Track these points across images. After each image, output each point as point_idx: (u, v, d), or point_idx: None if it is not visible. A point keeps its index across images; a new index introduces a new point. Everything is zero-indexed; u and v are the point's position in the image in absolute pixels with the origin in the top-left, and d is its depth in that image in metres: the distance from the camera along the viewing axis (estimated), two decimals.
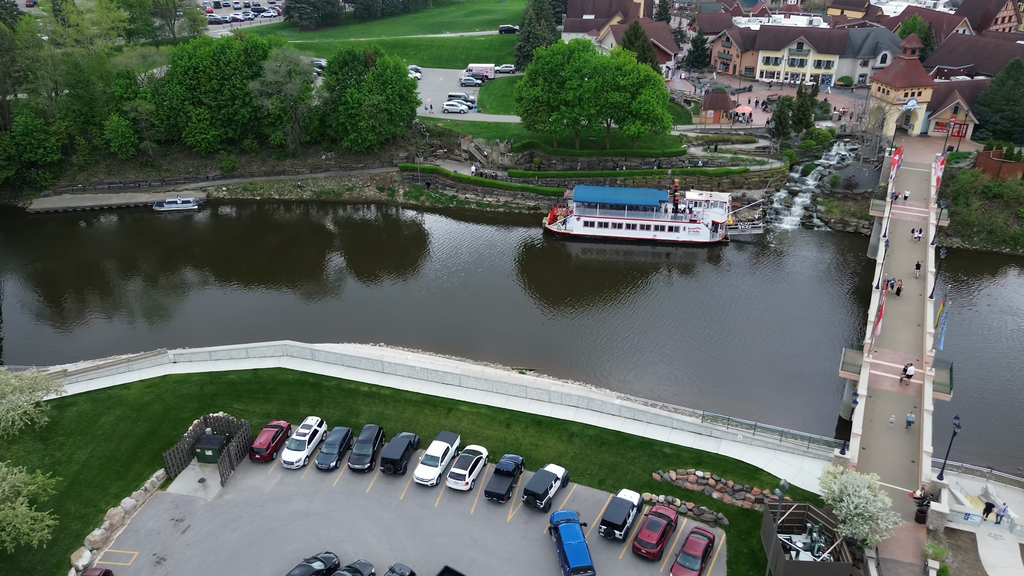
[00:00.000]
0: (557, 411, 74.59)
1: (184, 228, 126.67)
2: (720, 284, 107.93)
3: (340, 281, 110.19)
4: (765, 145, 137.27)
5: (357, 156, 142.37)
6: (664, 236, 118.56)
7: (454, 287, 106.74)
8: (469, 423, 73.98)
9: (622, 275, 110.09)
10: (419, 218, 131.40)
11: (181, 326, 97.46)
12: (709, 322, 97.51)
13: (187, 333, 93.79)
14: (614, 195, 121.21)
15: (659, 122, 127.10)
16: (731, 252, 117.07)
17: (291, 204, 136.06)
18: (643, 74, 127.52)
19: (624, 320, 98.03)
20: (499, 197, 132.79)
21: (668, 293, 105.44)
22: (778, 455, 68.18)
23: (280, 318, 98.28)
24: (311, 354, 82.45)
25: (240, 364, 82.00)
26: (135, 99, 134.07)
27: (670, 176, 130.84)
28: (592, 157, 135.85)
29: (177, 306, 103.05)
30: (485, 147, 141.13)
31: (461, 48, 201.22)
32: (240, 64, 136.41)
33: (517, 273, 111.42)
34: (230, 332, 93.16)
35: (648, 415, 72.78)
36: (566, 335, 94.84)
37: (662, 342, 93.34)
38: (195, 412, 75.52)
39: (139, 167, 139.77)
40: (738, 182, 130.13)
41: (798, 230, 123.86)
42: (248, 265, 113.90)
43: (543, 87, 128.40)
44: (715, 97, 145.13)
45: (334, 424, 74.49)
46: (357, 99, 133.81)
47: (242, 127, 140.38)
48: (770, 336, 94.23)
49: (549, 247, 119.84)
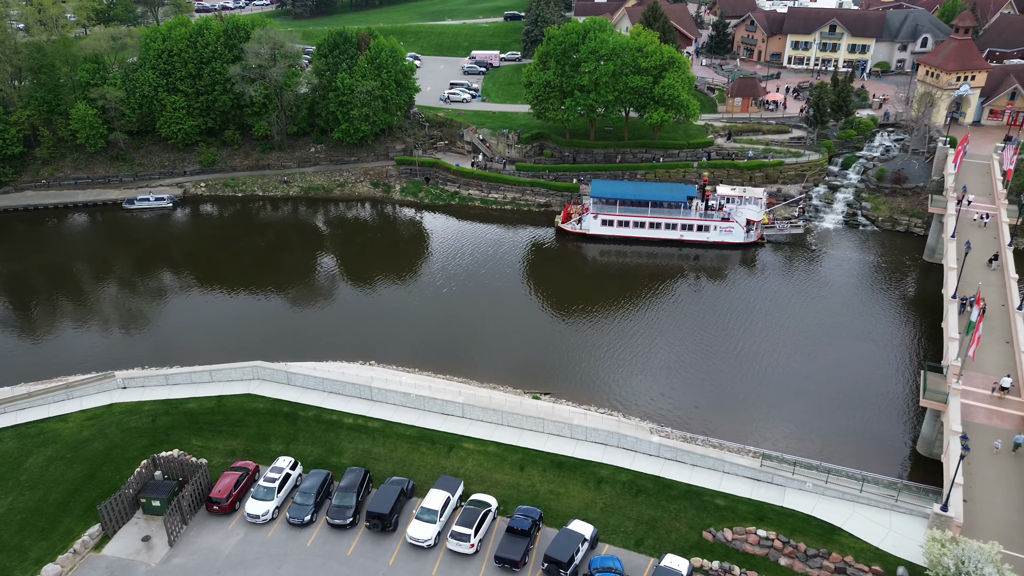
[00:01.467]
0: (581, 449, 61.59)
1: (156, 228, 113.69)
2: (757, 291, 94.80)
3: (327, 289, 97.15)
4: (800, 135, 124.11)
5: (349, 148, 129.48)
6: (692, 236, 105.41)
7: (456, 295, 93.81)
8: (475, 465, 60.99)
9: (645, 280, 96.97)
10: (417, 217, 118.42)
11: (138, 342, 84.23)
12: (747, 335, 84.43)
13: (145, 351, 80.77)
14: (636, 190, 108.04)
15: (684, 109, 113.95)
16: (767, 254, 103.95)
17: (276, 201, 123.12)
18: (666, 56, 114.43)
19: (650, 333, 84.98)
20: (506, 193, 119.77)
21: (698, 301, 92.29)
22: (858, 509, 55.05)
23: (256, 332, 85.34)
24: (286, 378, 69.52)
25: (202, 390, 69.08)
26: (103, 85, 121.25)
27: (696, 169, 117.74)
28: (609, 149, 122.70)
29: (137, 319, 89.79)
30: (490, 138, 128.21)
31: (463, 35, 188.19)
32: (220, 47, 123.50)
33: (527, 279, 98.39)
34: (196, 350, 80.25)
35: (693, 455, 59.70)
36: (585, 351, 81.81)
37: (695, 360, 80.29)
38: (144, 450, 62.67)
39: (109, 161, 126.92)
40: (772, 176, 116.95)
41: (841, 229, 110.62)
42: (224, 271, 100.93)
43: (555, 71, 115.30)
44: (743, 83, 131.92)
45: (311, 465, 61.61)
46: (349, 85, 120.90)
47: (223, 117, 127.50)
48: (817, 352, 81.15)
49: (562, 249, 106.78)
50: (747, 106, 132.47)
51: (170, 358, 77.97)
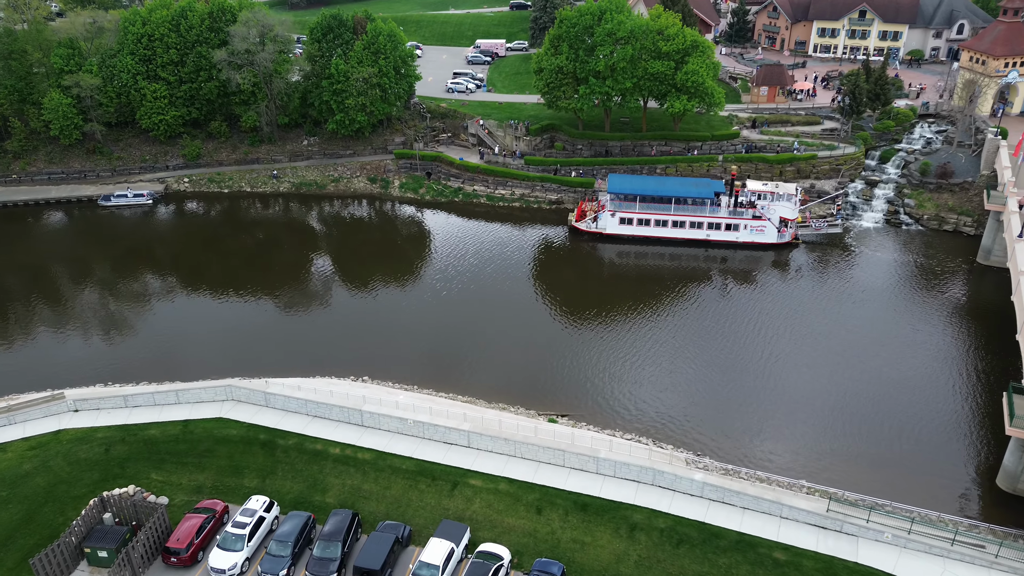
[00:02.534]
0: (610, 487, 52.11)
1: (132, 227, 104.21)
2: (793, 296, 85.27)
3: (318, 295, 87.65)
4: (832, 127, 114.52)
5: (344, 141, 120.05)
6: (720, 236, 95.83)
7: (459, 301, 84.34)
8: (483, 506, 51.52)
9: (668, 285, 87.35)
10: (417, 215, 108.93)
11: (99, 356, 74.26)
12: (785, 347, 74.90)
13: (105, 366, 71.25)
14: (658, 185, 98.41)
15: (709, 97, 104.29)
16: (802, 255, 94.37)
17: (265, 198, 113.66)
18: (689, 39, 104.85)
19: (676, 344, 75.46)
20: (514, 189, 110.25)
21: (728, 308, 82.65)
22: (949, 566, 45.47)
23: (236, 344, 75.99)
24: (264, 399, 60.06)
25: (167, 413, 59.63)
26: (79, 73, 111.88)
27: (721, 163, 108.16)
28: (625, 141, 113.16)
29: (100, 329, 79.80)
30: (497, 130, 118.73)
31: (467, 25, 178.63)
32: (204, 31, 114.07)
33: (537, 283, 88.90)
34: (166, 364, 70.95)
35: (744, 496, 50.15)
36: (604, 365, 72.27)
37: (729, 376, 70.73)
38: (94, 487, 53.31)
39: (85, 154, 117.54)
40: (804, 171, 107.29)
41: (882, 228, 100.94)
42: (204, 274, 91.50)
43: (568, 55, 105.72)
44: (770, 72, 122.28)
45: (290, 505, 52.22)
46: (344, 72, 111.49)
47: (208, 107, 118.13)
48: (866, 367, 71.61)
49: (576, 249, 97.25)
50: (774, 96, 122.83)
51: (134, 374, 68.57)
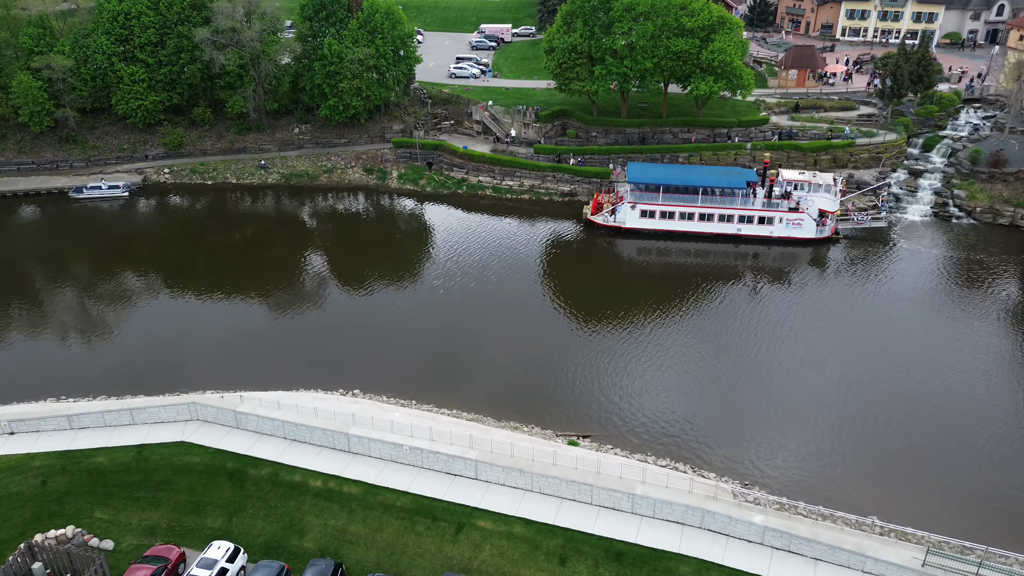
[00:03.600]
0: (649, 531, 42.88)
1: (104, 222, 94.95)
2: (835, 297, 75.88)
3: (305, 296, 78.42)
4: (869, 112, 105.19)
5: (338, 129, 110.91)
6: (752, 230, 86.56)
7: (463, 304, 75.14)
8: (494, 554, 42.34)
9: (695, 284, 77.96)
10: (417, 208, 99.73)
11: (46, 367, 64.35)
12: (830, 356, 65.53)
13: (52, 378, 61.71)
14: (683, 174, 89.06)
15: (737, 79, 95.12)
16: (843, 251, 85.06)
17: (252, 190, 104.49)
18: (715, 15, 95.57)
19: (708, 352, 66.16)
20: (523, 180, 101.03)
21: (762, 311, 73.23)
22: None
23: (210, 351, 66.82)
24: (235, 419, 50.92)
25: (119, 436, 50.54)
26: (50, 53, 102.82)
27: (750, 151, 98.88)
28: (644, 128, 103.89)
29: (51, 334, 70.07)
30: (504, 116, 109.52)
31: (471, 10, 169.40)
32: (186, 8, 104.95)
33: (550, 283, 79.67)
34: (127, 375, 61.84)
35: (817, 545, 40.85)
36: (629, 376, 63.04)
37: (769, 391, 61.50)
38: (24, 528, 44.24)
39: (58, 143, 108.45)
40: (841, 159, 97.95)
41: (930, 222, 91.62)
42: (178, 272, 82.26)
43: (582, 32, 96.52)
44: (800, 53, 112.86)
45: (260, 551, 43.10)
46: (337, 52, 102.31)
47: (191, 91, 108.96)
48: (926, 378, 62.35)
49: (592, 245, 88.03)
50: (803, 80, 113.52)
51: (88, 386, 59.46)
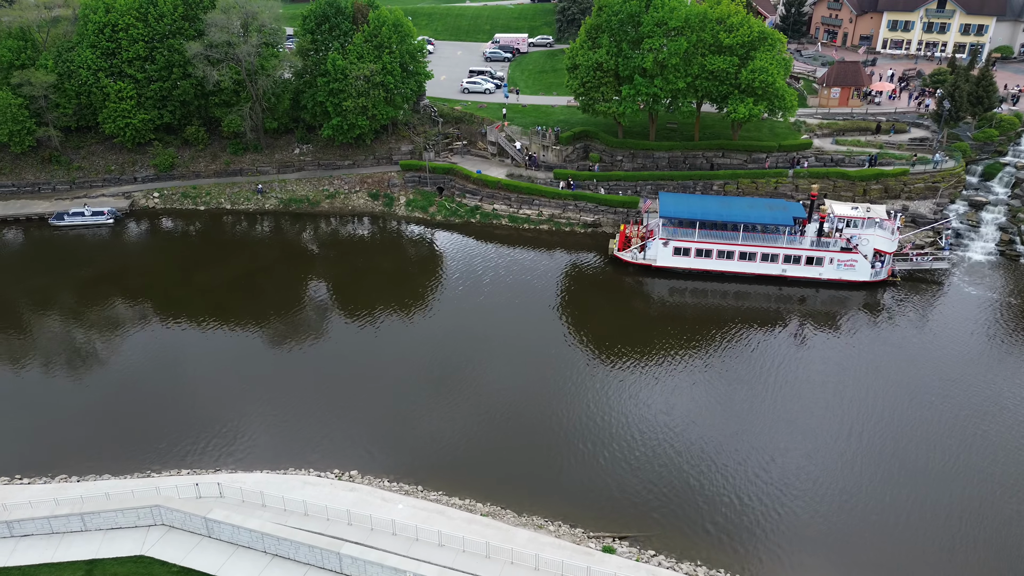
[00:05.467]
0: None
1: (85, 253, 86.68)
2: (896, 350, 67.03)
3: (298, 347, 69.88)
4: (922, 136, 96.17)
5: (342, 150, 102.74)
6: (799, 272, 77.76)
7: (476, 355, 66.50)
8: None
9: (734, 331, 69.24)
10: (427, 238, 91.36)
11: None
12: (904, 426, 56.81)
13: (6, 451, 53.84)
14: (722, 208, 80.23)
15: (780, 101, 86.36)
16: (900, 296, 76.13)
17: (248, 217, 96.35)
18: (756, 31, 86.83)
19: (765, 419, 57.47)
20: (542, 208, 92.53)
21: (815, 364, 64.50)
22: None
23: (191, 415, 58.53)
24: (205, 527, 42.48)
25: (66, 548, 42.20)
26: (31, 68, 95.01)
27: (791, 178, 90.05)
28: (674, 151, 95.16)
29: (8, 396, 62.38)
30: (521, 137, 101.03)
31: (485, 18, 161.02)
32: (178, 19, 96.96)
33: (573, 329, 70.95)
34: (92, 444, 53.69)
35: None
36: (672, 454, 54.41)
37: (849, 470, 52.79)
38: None
39: (40, 163, 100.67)
40: (893, 189, 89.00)
41: (996, 262, 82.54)
42: (161, 317, 73.88)
43: (608, 49, 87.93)
44: (844, 70, 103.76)
45: None
46: (341, 68, 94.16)
47: (183, 109, 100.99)
48: (1012, 454, 53.64)
49: (619, 286, 79.40)
50: (847, 98, 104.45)
51: (39, 461, 51.26)
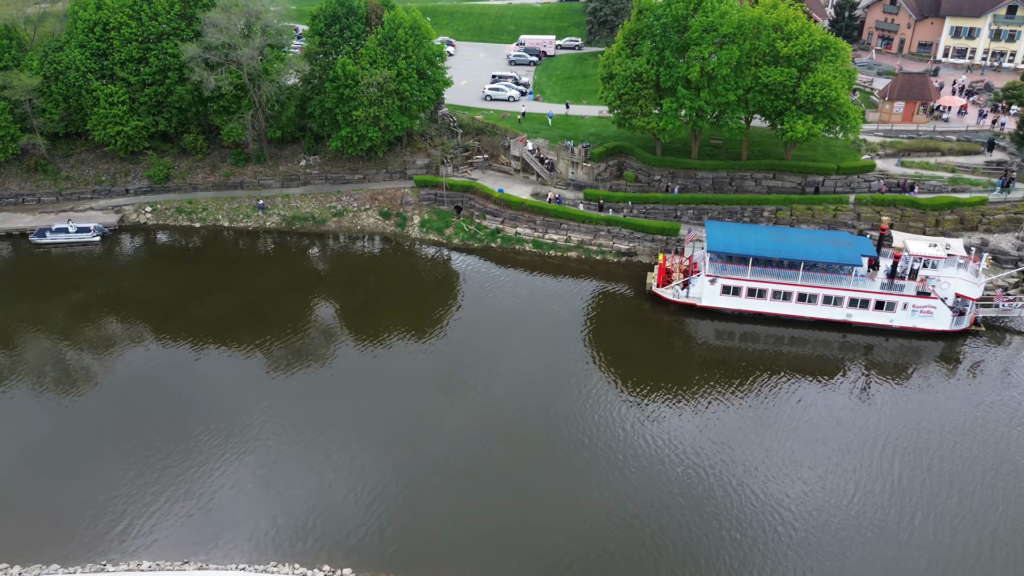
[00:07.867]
0: None
1: (65, 276, 78.34)
2: (980, 411, 57.18)
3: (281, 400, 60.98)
4: (999, 159, 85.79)
5: (352, 162, 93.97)
6: (867, 318, 67.79)
7: (487, 413, 57.33)
8: None
9: (799, 386, 59.72)
10: (442, 262, 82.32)
11: None
12: (986, 501, 47.09)
13: None
14: (779, 243, 70.19)
15: (843, 119, 76.40)
16: (985, 349, 66.11)
17: (247, 235, 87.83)
18: (818, 39, 76.89)
19: (826, 492, 47.87)
20: (570, 234, 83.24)
21: (889, 425, 54.84)
22: None
23: (152, 492, 49.99)
24: None
25: None
26: (15, 70, 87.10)
27: (852, 205, 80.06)
28: (719, 172, 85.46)
29: None
30: (548, 151, 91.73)
31: (509, 17, 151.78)
32: (174, 17, 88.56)
33: (605, 377, 61.54)
34: (51, 528, 45.24)
35: None
36: (723, 532, 45.01)
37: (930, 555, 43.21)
38: None
39: (25, 173, 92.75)
40: (970, 220, 78.83)
41: None
42: (134, 363, 65.64)
43: (649, 57, 78.36)
44: (908, 82, 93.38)
45: None
46: (352, 74, 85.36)
47: (180, 115, 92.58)
48: None
49: (657, 325, 69.94)
50: (911, 113, 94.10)
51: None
